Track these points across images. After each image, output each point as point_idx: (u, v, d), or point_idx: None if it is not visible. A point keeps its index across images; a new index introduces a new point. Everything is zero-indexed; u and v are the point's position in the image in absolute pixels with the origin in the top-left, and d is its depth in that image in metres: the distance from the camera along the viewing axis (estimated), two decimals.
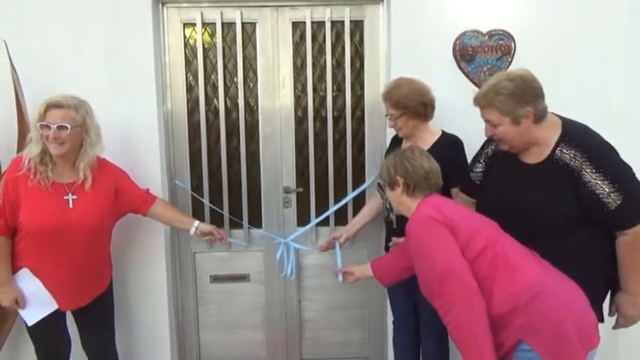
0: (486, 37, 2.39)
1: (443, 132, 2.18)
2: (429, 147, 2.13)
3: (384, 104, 2.17)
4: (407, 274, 1.93)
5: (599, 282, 1.69)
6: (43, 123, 1.87)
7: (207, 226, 2.26)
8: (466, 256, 1.52)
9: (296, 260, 2.56)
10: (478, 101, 1.75)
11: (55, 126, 1.86)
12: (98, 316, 2.15)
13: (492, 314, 1.48)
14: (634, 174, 1.64)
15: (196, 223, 2.23)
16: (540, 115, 1.66)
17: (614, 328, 1.80)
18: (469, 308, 1.47)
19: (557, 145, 1.66)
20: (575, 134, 1.66)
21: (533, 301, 1.47)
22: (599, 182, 1.58)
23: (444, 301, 1.51)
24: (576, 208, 1.61)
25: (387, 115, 2.20)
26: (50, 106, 1.89)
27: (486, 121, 1.75)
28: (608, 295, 1.79)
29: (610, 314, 1.78)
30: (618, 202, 1.57)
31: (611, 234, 1.65)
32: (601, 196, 1.58)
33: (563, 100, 2.34)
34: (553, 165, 1.65)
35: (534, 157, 1.70)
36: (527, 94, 1.64)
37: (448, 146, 2.10)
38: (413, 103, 2.07)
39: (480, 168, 1.93)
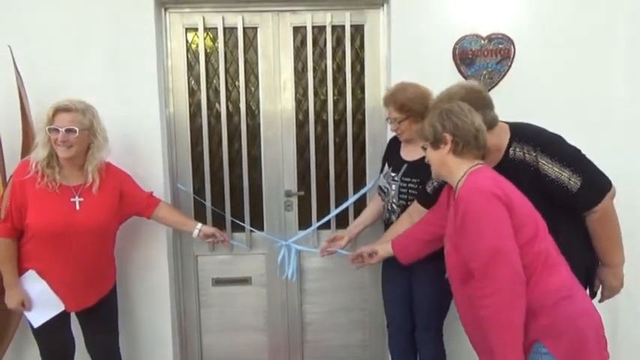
0: (486, 40, 2.41)
1: None
2: None
3: (387, 108, 2.18)
4: (426, 250, 1.89)
5: (580, 275, 1.71)
6: (51, 126, 1.90)
7: (209, 229, 2.28)
8: (516, 240, 1.46)
9: (297, 262, 2.57)
10: (434, 106, 1.83)
11: (63, 129, 1.89)
12: (102, 318, 2.17)
13: None
14: (584, 155, 1.72)
15: (199, 225, 2.25)
16: (490, 124, 1.73)
17: (600, 301, 1.87)
18: (515, 296, 1.41)
19: (509, 146, 1.74)
20: (523, 132, 1.74)
21: (561, 304, 1.45)
22: (556, 169, 1.65)
23: (488, 282, 1.43)
24: (541, 201, 1.64)
25: (387, 120, 2.22)
26: (59, 109, 1.92)
27: None
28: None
29: (595, 288, 1.87)
30: (579, 184, 1.64)
31: (580, 225, 1.73)
32: (563, 182, 1.65)
33: (563, 103, 2.39)
34: (510, 164, 1.72)
35: (491, 162, 1.77)
36: (477, 102, 1.72)
37: None
38: (417, 106, 2.08)
39: (436, 184, 1.95)
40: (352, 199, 2.58)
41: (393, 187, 2.18)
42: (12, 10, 2.35)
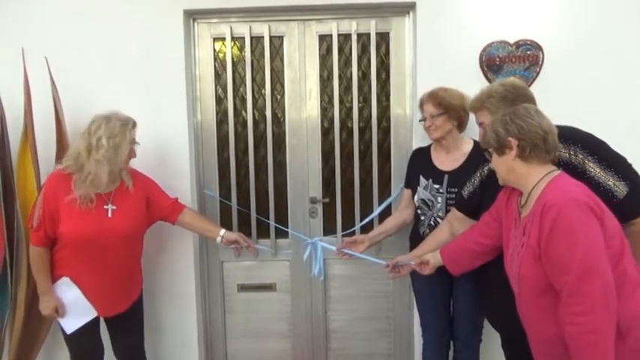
0: (514, 47, 2.39)
1: (475, 141, 2.19)
2: (467, 155, 2.17)
3: (424, 106, 2.20)
4: (479, 262, 1.80)
5: None
6: None
7: (233, 234, 2.27)
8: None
9: (324, 261, 2.50)
10: (472, 105, 1.83)
11: None
12: (131, 322, 2.20)
13: None
14: (630, 164, 1.65)
15: (222, 231, 2.25)
16: None
17: None
18: (610, 315, 1.33)
19: None
20: (567, 133, 1.66)
21: None
22: (603, 174, 1.59)
23: (580, 299, 1.33)
24: None
25: (421, 120, 2.23)
26: None
27: (479, 124, 1.81)
28: None
29: None
30: (625, 192, 1.58)
31: None
32: (608, 187, 1.58)
33: (593, 111, 2.34)
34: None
35: None
36: (517, 99, 1.69)
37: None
38: (455, 102, 2.13)
39: (471, 188, 1.91)
40: (378, 210, 2.57)
41: (439, 199, 2.17)
42: (47, 22, 2.43)
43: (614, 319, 1.34)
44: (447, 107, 2.13)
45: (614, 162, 1.61)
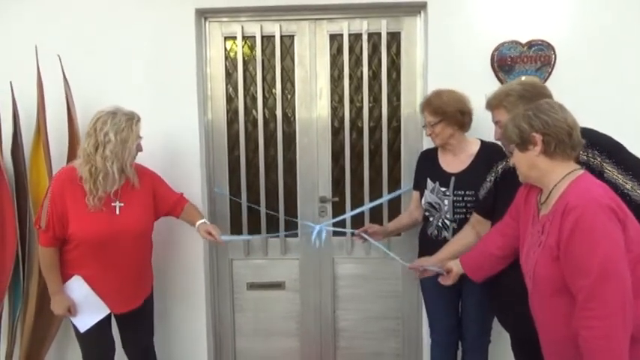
0: (525, 47, 2.37)
1: (482, 141, 2.18)
2: (474, 156, 2.16)
3: (422, 114, 2.20)
4: (500, 266, 1.77)
5: None
6: None
7: (201, 230, 2.17)
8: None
9: (327, 240, 2.48)
10: (489, 102, 1.81)
11: None
12: (144, 319, 2.22)
13: None
14: None
15: (198, 223, 2.18)
16: None
17: None
18: (626, 321, 1.30)
19: None
20: (588, 136, 1.62)
21: None
22: (621, 177, 1.58)
23: (597, 304, 1.30)
24: None
25: (424, 126, 2.22)
26: None
27: (496, 122, 1.80)
28: None
29: None
30: None
31: None
32: (626, 190, 1.57)
33: (605, 111, 2.32)
34: None
35: None
36: (535, 98, 1.67)
37: (494, 154, 2.03)
38: (451, 109, 2.10)
39: (486, 189, 1.90)
40: (387, 197, 2.56)
41: (446, 202, 2.16)
42: (59, 21, 2.45)
43: (630, 325, 1.32)
44: (443, 114, 2.10)
45: (632, 165, 1.60)
